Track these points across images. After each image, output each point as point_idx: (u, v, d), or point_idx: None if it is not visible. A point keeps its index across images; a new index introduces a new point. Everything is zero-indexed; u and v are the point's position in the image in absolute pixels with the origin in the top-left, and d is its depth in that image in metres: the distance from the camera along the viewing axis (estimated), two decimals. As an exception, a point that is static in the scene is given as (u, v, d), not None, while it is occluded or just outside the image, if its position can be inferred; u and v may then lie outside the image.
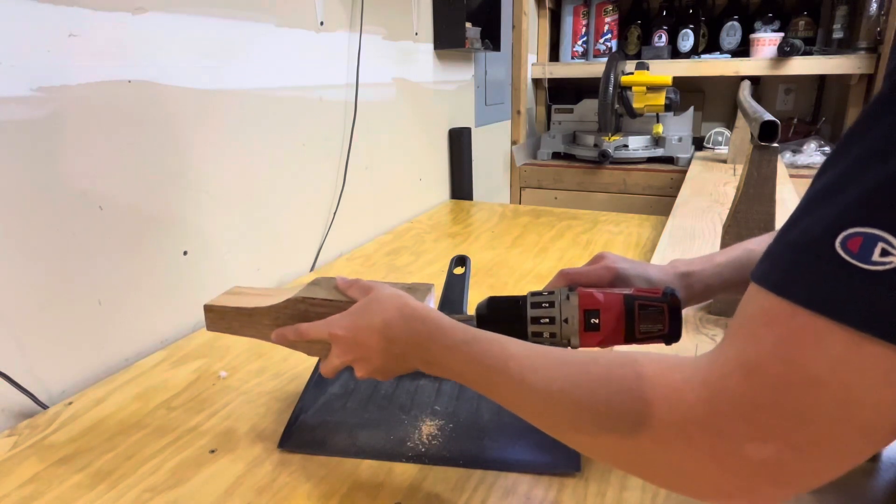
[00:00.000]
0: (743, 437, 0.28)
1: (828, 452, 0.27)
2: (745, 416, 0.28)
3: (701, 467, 0.30)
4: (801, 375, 0.26)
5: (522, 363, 0.39)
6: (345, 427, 0.61)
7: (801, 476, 0.28)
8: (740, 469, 0.28)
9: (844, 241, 0.25)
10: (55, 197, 0.70)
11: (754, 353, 0.28)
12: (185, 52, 0.84)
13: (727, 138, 2.20)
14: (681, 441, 0.30)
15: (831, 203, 0.26)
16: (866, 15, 1.88)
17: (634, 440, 0.32)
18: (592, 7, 2.30)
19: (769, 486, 0.28)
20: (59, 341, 0.72)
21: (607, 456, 0.35)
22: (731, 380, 0.28)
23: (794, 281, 0.27)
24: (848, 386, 0.25)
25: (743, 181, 0.75)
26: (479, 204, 1.71)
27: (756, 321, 0.29)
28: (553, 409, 0.37)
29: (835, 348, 0.25)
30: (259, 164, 1.00)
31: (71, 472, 0.56)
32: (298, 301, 0.56)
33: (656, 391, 0.31)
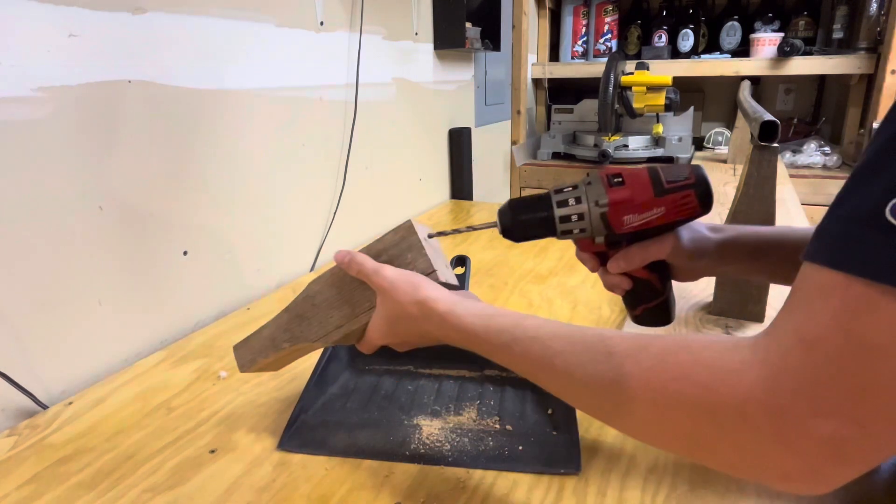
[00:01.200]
0: (806, 414, 0.27)
1: (890, 425, 0.27)
2: (807, 392, 0.27)
3: (764, 449, 0.29)
4: (860, 345, 0.26)
5: (568, 360, 0.39)
6: (345, 427, 0.61)
7: (863, 452, 0.28)
8: (803, 447, 0.28)
9: (894, 208, 0.25)
10: (55, 197, 0.70)
11: (813, 327, 0.28)
12: (185, 52, 0.84)
13: (727, 138, 2.20)
14: (743, 423, 0.29)
15: (877, 176, 0.27)
16: (866, 15, 1.88)
17: (696, 426, 0.31)
18: (592, 7, 2.30)
19: (831, 465, 0.28)
20: (59, 341, 0.72)
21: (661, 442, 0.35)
22: (790, 356, 0.28)
23: (847, 252, 0.27)
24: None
25: (743, 181, 0.75)
26: (479, 204, 1.71)
27: (812, 297, 0.29)
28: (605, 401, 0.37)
29: (892, 314, 0.25)
30: (259, 164, 1.00)
31: (71, 472, 0.56)
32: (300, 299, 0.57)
33: (717, 376, 0.31)
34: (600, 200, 0.49)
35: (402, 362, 0.72)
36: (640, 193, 0.49)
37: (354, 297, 0.54)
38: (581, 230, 0.51)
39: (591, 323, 0.86)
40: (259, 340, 0.59)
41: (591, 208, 0.49)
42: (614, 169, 0.50)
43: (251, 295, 1.01)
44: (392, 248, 0.54)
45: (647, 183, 0.49)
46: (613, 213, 0.49)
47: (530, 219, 0.51)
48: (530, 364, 0.42)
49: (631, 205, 0.49)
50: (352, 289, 0.54)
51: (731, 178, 1.69)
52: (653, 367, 0.34)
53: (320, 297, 0.56)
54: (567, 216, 0.50)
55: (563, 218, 0.50)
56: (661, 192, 0.49)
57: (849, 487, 0.51)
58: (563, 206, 0.50)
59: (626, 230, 0.50)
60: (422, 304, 0.48)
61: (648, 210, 0.49)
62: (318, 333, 0.55)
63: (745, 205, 0.74)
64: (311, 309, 0.56)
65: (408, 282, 0.49)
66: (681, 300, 0.88)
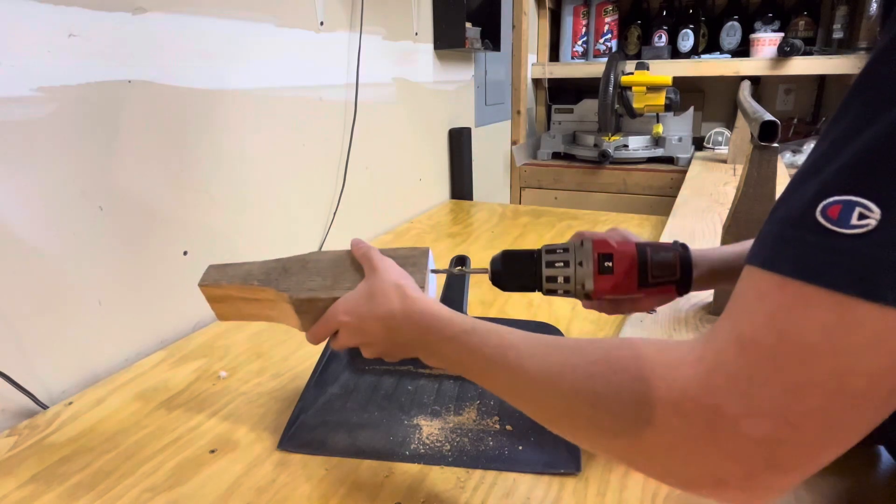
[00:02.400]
0: (739, 413, 0.27)
1: (823, 426, 0.27)
2: (741, 391, 0.27)
3: (698, 450, 0.29)
4: (793, 345, 0.26)
5: (520, 351, 0.39)
6: (345, 427, 0.61)
7: (797, 457, 0.27)
8: (737, 449, 0.28)
9: (824, 209, 0.26)
10: (55, 197, 0.70)
11: (748, 327, 0.28)
12: (185, 52, 0.84)
13: (727, 138, 2.20)
14: (677, 420, 0.29)
15: (812, 180, 0.27)
16: (866, 15, 1.88)
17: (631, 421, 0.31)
18: (592, 7, 2.30)
19: (766, 471, 0.28)
20: (59, 341, 0.72)
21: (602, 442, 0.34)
22: (725, 354, 0.29)
23: (781, 253, 0.28)
24: (839, 353, 0.25)
25: (743, 181, 0.75)
26: (479, 204, 1.71)
27: (749, 298, 0.29)
28: (550, 396, 0.36)
29: (824, 314, 0.26)
30: (259, 164, 1.00)
31: (71, 472, 0.56)
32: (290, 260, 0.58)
33: (654, 370, 0.31)
34: (587, 286, 0.53)
35: (402, 362, 0.72)
36: (624, 286, 0.53)
37: (343, 276, 0.55)
38: (565, 293, 0.55)
39: (591, 323, 0.86)
40: (235, 269, 0.60)
41: (576, 288, 0.54)
42: (607, 247, 0.53)
43: (251, 295, 1.01)
44: (401, 258, 0.56)
45: (633, 276, 0.52)
46: (596, 295, 0.54)
47: (519, 274, 0.55)
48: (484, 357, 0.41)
49: (613, 292, 0.53)
50: (345, 270, 0.55)
51: (731, 178, 1.69)
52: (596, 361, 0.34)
53: (314, 264, 0.57)
54: (554, 283, 0.54)
55: (550, 280, 0.54)
56: (644, 285, 0.52)
57: (849, 487, 0.51)
58: (551, 279, 0.54)
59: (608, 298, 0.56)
60: (399, 287, 0.49)
61: (629, 293, 0.54)
62: (289, 286, 0.56)
63: (745, 205, 0.74)
64: (300, 269, 0.57)
65: (398, 272, 0.52)
66: (680, 300, 0.88)
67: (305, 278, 0.56)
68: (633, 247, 0.53)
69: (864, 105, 0.27)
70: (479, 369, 0.42)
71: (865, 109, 0.27)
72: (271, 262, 0.59)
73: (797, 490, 0.51)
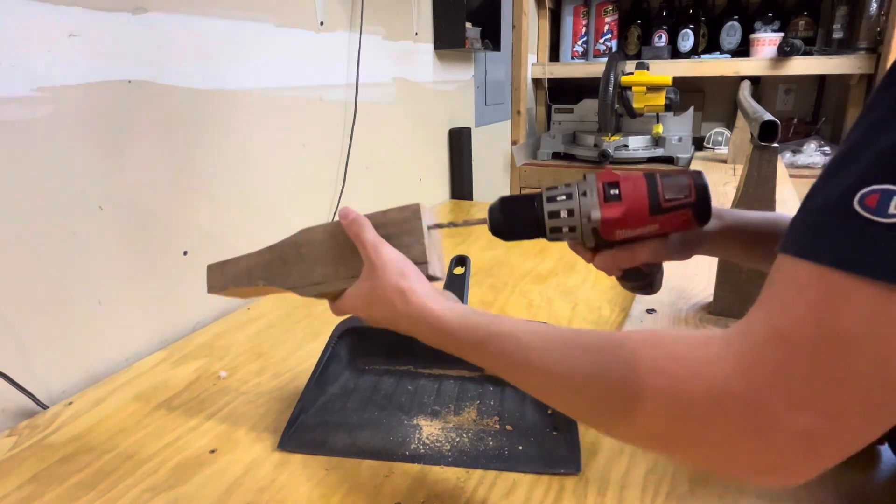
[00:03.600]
0: (780, 408, 0.27)
1: (862, 416, 0.27)
2: (782, 386, 0.28)
3: (739, 443, 0.29)
4: (833, 337, 0.26)
5: (543, 356, 0.38)
6: (345, 427, 0.61)
7: (835, 446, 0.28)
8: (778, 442, 0.28)
9: (862, 199, 0.26)
10: (55, 197, 0.70)
11: (786, 320, 0.28)
12: (185, 52, 0.84)
13: (727, 138, 2.20)
14: (718, 417, 0.29)
15: (847, 168, 0.27)
16: (866, 15, 1.88)
17: (669, 422, 0.31)
18: (592, 7, 2.30)
19: (805, 459, 0.28)
20: (59, 341, 0.72)
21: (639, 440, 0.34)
22: (765, 349, 0.28)
23: (819, 243, 0.27)
24: (880, 342, 0.25)
25: (743, 181, 0.75)
26: (479, 204, 1.71)
27: (785, 288, 0.29)
28: (581, 397, 0.36)
29: (864, 304, 0.26)
30: (259, 164, 1.00)
31: (71, 472, 0.56)
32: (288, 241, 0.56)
33: (691, 370, 0.30)
34: (593, 216, 0.47)
35: (402, 362, 0.72)
36: (635, 212, 0.47)
37: (342, 260, 0.53)
38: (571, 236, 0.49)
39: (591, 323, 0.86)
40: (235, 269, 0.58)
41: (582, 223, 0.48)
42: (612, 176, 0.48)
43: (251, 295, 1.01)
44: (393, 225, 0.52)
45: (643, 199, 0.47)
46: (605, 229, 0.48)
47: (520, 220, 0.50)
48: (505, 362, 0.41)
49: (623, 222, 0.47)
50: (342, 251, 0.53)
51: (731, 178, 1.69)
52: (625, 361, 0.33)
53: (309, 248, 0.55)
54: (557, 218, 0.49)
55: (553, 215, 0.49)
56: (657, 211, 0.47)
57: (850, 487, 0.51)
58: (554, 215, 0.49)
59: (618, 239, 0.49)
60: (403, 294, 0.47)
61: (642, 227, 0.47)
62: (295, 283, 0.55)
63: (745, 205, 0.74)
64: (296, 257, 0.55)
65: (398, 269, 0.49)
66: (680, 300, 0.88)
67: (306, 270, 0.55)
68: (640, 174, 0.48)
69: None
70: (500, 371, 0.42)
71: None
72: (266, 253, 0.57)
73: (797, 490, 0.51)
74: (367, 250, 0.50)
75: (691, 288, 0.90)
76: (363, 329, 0.70)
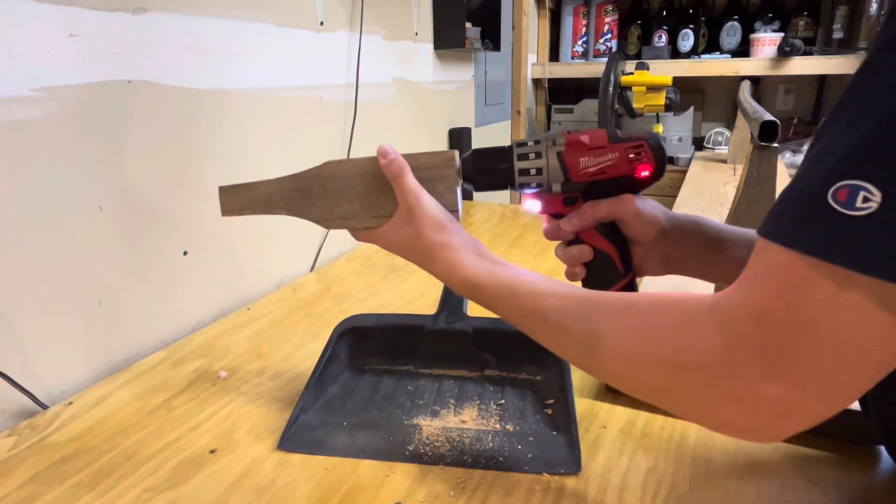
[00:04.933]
0: (755, 377, 0.31)
1: (825, 389, 0.31)
2: (757, 360, 0.31)
3: (720, 404, 0.34)
4: (801, 319, 0.30)
5: (562, 316, 0.42)
6: (345, 427, 0.61)
7: (806, 411, 0.32)
8: (753, 406, 0.32)
9: (834, 193, 0.28)
10: (55, 197, 0.70)
11: (762, 301, 0.31)
12: (185, 52, 0.84)
13: (727, 138, 2.20)
14: (705, 381, 0.34)
15: (824, 162, 0.29)
16: (866, 15, 1.88)
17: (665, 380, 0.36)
18: (592, 7, 2.30)
19: (779, 421, 0.33)
20: (59, 341, 0.72)
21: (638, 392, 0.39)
22: (743, 327, 0.32)
23: (794, 231, 0.30)
24: (837, 325, 0.29)
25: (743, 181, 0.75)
26: (479, 204, 1.71)
27: (762, 271, 0.32)
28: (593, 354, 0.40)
29: (827, 289, 0.29)
30: (259, 164, 1.00)
31: (71, 472, 0.56)
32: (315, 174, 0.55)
33: (685, 337, 0.35)
34: (557, 140, 0.53)
35: (402, 362, 0.72)
36: (596, 138, 0.52)
37: (371, 199, 0.53)
38: (538, 171, 0.53)
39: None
40: (253, 195, 0.56)
41: (548, 148, 0.53)
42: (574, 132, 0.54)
43: (251, 295, 1.01)
44: (426, 170, 0.53)
45: (602, 133, 0.52)
46: (569, 154, 0.52)
47: (490, 166, 0.54)
48: (524, 316, 0.45)
49: (586, 147, 0.52)
50: (372, 189, 0.53)
51: (731, 178, 1.69)
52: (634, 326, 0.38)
53: (335, 182, 0.54)
54: (525, 155, 0.53)
55: (522, 156, 0.53)
56: (615, 140, 0.52)
57: (849, 487, 0.51)
58: (522, 147, 0.53)
59: (582, 176, 0.53)
60: (442, 248, 0.50)
61: (603, 155, 0.52)
62: (319, 215, 0.54)
63: (745, 205, 0.74)
64: (321, 190, 0.54)
65: (438, 222, 0.50)
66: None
67: (331, 203, 0.53)
68: None
69: (872, 91, 0.29)
70: (523, 328, 0.46)
71: (871, 95, 0.28)
72: (288, 182, 0.55)
73: (798, 489, 0.51)
74: (408, 197, 0.51)
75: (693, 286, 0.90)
76: (363, 329, 0.70)
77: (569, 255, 0.58)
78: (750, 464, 0.54)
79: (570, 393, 0.61)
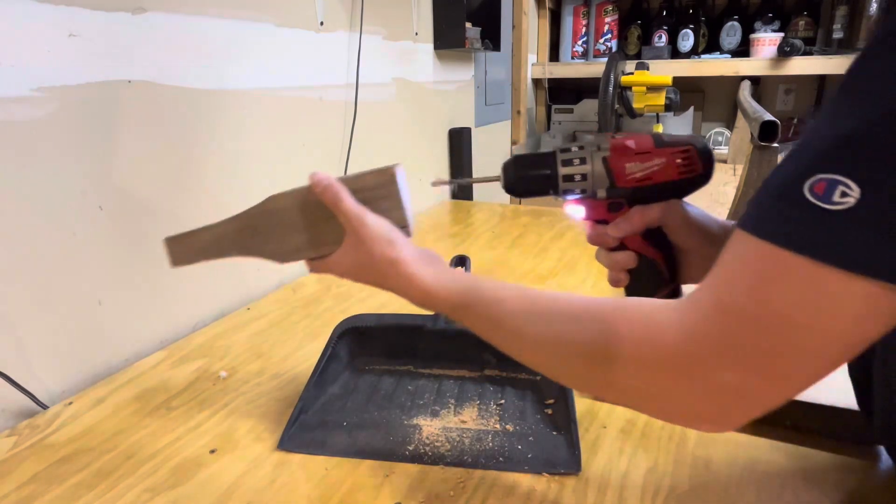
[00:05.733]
0: (717, 369, 0.31)
1: (787, 379, 0.31)
2: (721, 353, 0.31)
3: (679, 397, 0.34)
4: (769, 311, 0.30)
5: (517, 320, 0.42)
6: (345, 427, 0.61)
7: (763, 399, 0.32)
8: (713, 397, 0.32)
9: (811, 185, 0.28)
10: (55, 197, 0.70)
11: (729, 294, 0.31)
12: (185, 52, 0.84)
13: (727, 138, 2.20)
14: (664, 377, 0.34)
15: (802, 156, 0.30)
16: (866, 15, 1.89)
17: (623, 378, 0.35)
18: (592, 7, 2.30)
19: (736, 409, 0.33)
20: (59, 341, 0.72)
21: (598, 391, 0.39)
22: (708, 322, 0.32)
23: (768, 222, 0.30)
24: (808, 319, 0.29)
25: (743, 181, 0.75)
26: (479, 204, 1.71)
27: (733, 262, 0.32)
28: (549, 357, 0.40)
29: (799, 281, 0.29)
30: (259, 164, 1.00)
31: (71, 472, 0.56)
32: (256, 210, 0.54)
33: (644, 335, 0.34)
34: (602, 145, 0.50)
35: (402, 362, 0.72)
36: (641, 143, 0.50)
37: (318, 227, 0.52)
38: (582, 177, 0.50)
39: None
40: (200, 241, 0.55)
41: (592, 154, 0.50)
42: None
43: (251, 295, 1.01)
44: (369, 190, 0.51)
45: (648, 137, 0.51)
46: (615, 159, 0.50)
47: (533, 172, 0.52)
48: (481, 322, 0.45)
49: (632, 152, 0.50)
50: (317, 217, 0.52)
51: (731, 178, 1.69)
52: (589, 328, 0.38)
53: (280, 216, 0.53)
54: (570, 160, 0.50)
55: (566, 161, 0.51)
56: (661, 144, 0.50)
57: (849, 488, 0.51)
58: (566, 152, 0.51)
59: (629, 181, 0.50)
60: (393, 264, 0.48)
61: (649, 160, 0.50)
62: (272, 252, 0.53)
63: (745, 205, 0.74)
64: (268, 226, 0.53)
65: (385, 238, 0.49)
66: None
67: (281, 237, 0.53)
68: None
69: (855, 93, 0.29)
70: (482, 335, 0.45)
71: (856, 97, 0.29)
72: (234, 223, 0.54)
73: (798, 490, 0.51)
74: (351, 221, 0.50)
75: (691, 288, 0.90)
76: (363, 329, 0.70)
77: (613, 261, 0.55)
78: (750, 464, 0.54)
79: (569, 393, 0.61)
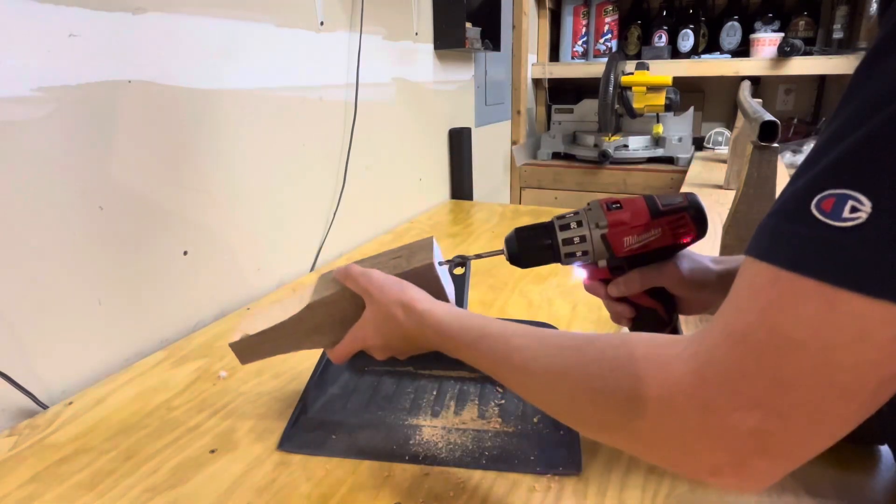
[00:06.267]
0: (729, 406, 0.28)
1: (811, 419, 0.27)
2: (731, 385, 0.28)
3: (692, 440, 0.30)
4: (782, 339, 0.27)
5: (524, 354, 0.41)
6: (345, 427, 0.61)
7: (786, 446, 0.28)
8: (727, 440, 0.29)
9: (819, 202, 0.26)
10: (55, 197, 0.70)
11: (740, 322, 0.29)
12: (185, 52, 0.84)
13: (727, 138, 2.20)
14: (671, 414, 0.30)
15: (808, 172, 0.28)
16: (866, 15, 1.89)
17: (628, 416, 0.32)
18: (592, 7, 2.30)
19: (758, 459, 0.29)
20: (59, 341, 0.72)
21: (605, 434, 0.36)
22: (718, 351, 0.29)
23: (777, 245, 0.28)
24: (826, 346, 0.26)
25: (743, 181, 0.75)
26: (479, 204, 1.71)
27: (743, 290, 0.30)
28: (555, 394, 0.39)
29: (813, 307, 0.26)
30: (259, 164, 1.00)
31: (71, 472, 0.56)
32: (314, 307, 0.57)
33: (648, 368, 0.32)
34: (600, 223, 0.52)
35: (402, 363, 0.72)
36: (638, 216, 0.52)
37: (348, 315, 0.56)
38: (583, 253, 0.53)
39: (591, 322, 0.86)
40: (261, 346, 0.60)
41: (591, 231, 0.52)
42: (612, 198, 0.54)
43: (251, 295, 1.01)
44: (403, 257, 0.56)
45: (643, 206, 0.52)
46: (613, 235, 0.52)
47: (535, 245, 0.54)
48: (490, 359, 0.44)
49: (629, 226, 0.52)
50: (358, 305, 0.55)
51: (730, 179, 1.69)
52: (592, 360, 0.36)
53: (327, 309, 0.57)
54: (570, 239, 0.53)
55: (566, 241, 0.53)
56: (656, 214, 0.52)
57: (849, 488, 0.51)
58: (565, 230, 0.53)
59: (627, 252, 0.53)
60: (405, 305, 0.50)
61: (646, 231, 0.52)
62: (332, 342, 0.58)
63: (745, 205, 0.74)
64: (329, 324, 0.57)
65: (394, 283, 0.52)
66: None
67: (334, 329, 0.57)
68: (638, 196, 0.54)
69: (858, 102, 0.27)
70: (490, 371, 0.45)
71: (860, 106, 0.27)
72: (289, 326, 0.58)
73: (798, 490, 0.51)
74: (359, 281, 0.53)
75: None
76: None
77: (614, 312, 0.59)
78: (750, 464, 0.54)
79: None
